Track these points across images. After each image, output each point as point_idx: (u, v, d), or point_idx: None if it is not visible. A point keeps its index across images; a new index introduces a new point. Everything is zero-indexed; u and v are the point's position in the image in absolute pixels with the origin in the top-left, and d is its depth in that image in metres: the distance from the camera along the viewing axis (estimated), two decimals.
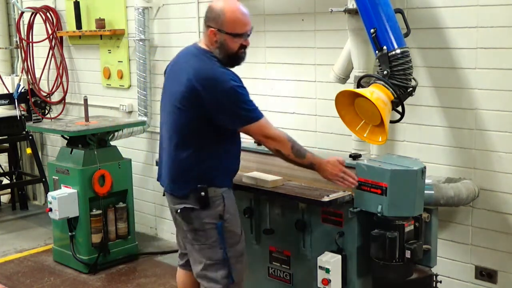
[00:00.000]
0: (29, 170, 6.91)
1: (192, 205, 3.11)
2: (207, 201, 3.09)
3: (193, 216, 3.13)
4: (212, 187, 3.10)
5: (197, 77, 2.99)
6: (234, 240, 3.17)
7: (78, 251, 4.98)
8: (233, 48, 3.06)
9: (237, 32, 3.04)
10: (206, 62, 3.05)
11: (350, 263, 3.22)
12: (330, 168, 3.12)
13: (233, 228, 3.17)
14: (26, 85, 6.46)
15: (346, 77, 3.86)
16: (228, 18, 3.02)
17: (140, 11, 5.27)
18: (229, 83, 2.98)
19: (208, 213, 3.11)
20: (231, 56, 3.09)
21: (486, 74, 3.51)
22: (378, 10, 3.29)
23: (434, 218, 3.33)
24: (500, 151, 3.53)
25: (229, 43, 3.05)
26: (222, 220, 3.12)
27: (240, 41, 3.06)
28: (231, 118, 3.03)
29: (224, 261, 3.14)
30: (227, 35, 3.03)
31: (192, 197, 3.11)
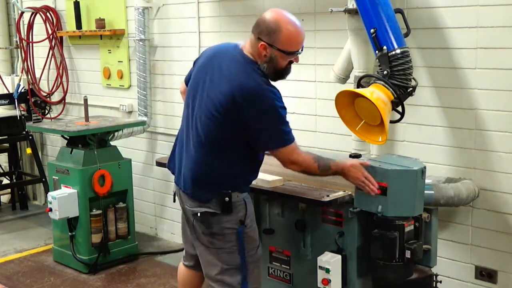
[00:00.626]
0: (29, 170, 6.91)
1: (213, 210, 3.05)
2: (230, 206, 3.04)
3: (213, 221, 3.07)
4: (235, 192, 3.05)
5: (241, 92, 2.87)
6: (252, 246, 3.14)
7: (78, 251, 4.98)
8: (282, 65, 2.95)
9: (290, 50, 2.92)
10: (250, 76, 2.91)
11: (350, 263, 3.21)
12: (353, 172, 3.06)
13: (252, 234, 3.14)
14: (26, 85, 6.46)
15: (346, 77, 3.86)
16: (284, 35, 2.88)
17: (140, 11, 5.27)
18: (272, 102, 2.88)
19: (229, 218, 3.06)
20: (277, 72, 2.98)
21: (486, 74, 3.51)
22: (378, 10, 3.29)
23: (434, 218, 3.33)
24: (500, 151, 3.53)
25: (279, 59, 2.92)
26: (243, 226, 3.08)
27: (291, 58, 2.96)
28: (268, 138, 2.95)
29: (241, 267, 3.10)
30: (279, 52, 2.90)
31: (215, 201, 3.05)
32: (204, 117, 3.00)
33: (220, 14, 4.84)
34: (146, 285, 4.74)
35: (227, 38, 4.80)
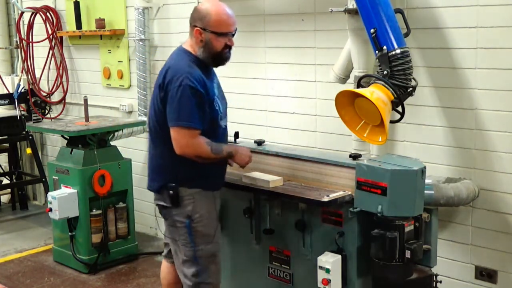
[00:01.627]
0: (29, 170, 6.92)
1: (164, 203, 3.23)
2: (177, 199, 3.19)
3: (166, 213, 3.27)
4: (183, 187, 3.19)
5: (168, 72, 3.12)
6: (203, 240, 3.24)
7: (78, 251, 4.98)
8: (217, 47, 3.16)
9: (221, 31, 3.14)
10: (180, 60, 3.17)
11: (350, 263, 3.21)
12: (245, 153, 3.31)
13: (202, 229, 3.23)
14: (26, 85, 6.46)
15: (346, 77, 3.86)
16: (214, 17, 3.13)
17: (140, 11, 5.27)
18: (184, 80, 3.05)
19: (177, 212, 3.22)
20: (215, 56, 3.19)
21: (486, 74, 3.51)
22: (378, 10, 3.29)
23: (434, 218, 3.33)
24: (500, 151, 3.53)
25: (213, 42, 3.15)
26: (190, 220, 3.20)
27: (224, 40, 3.16)
28: (169, 113, 3.10)
29: (194, 259, 3.23)
30: (212, 34, 3.13)
31: (164, 194, 3.22)
32: (151, 109, 3.27)
33: None
34: (146, 285, 4.74)
35: None
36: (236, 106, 4.81)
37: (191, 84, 3.05)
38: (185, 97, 3.05)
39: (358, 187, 3.12)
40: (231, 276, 3.82)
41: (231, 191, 3.62)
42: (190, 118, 3.06)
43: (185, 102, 3.05)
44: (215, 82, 3.31)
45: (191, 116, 3.06)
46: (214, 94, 3.21)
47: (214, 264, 3.30)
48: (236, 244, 3.76)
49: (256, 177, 3.43)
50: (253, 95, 4.74)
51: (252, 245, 3.64)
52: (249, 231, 3.62)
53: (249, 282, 3.72)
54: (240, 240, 3.72)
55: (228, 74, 4.88)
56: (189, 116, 3.06)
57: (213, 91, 3.21)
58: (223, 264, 3.83)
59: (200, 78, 3.10)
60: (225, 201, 3.73)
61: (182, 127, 3.07)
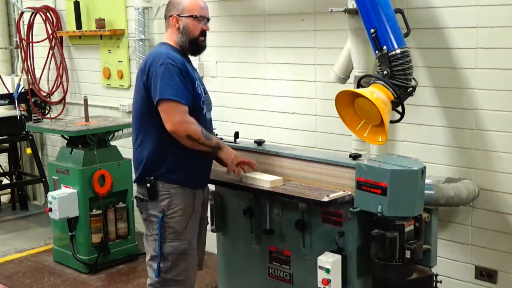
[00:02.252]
0: (29, 170, 6.92)
1: (141, 195, 3.26)
2: (154, 193, 3.20)
3: (142, 206, 3.29)
4: (161, 181, 3.20)
5: (148, 58, 3.18)
6: (173, 237, 3.23)
7: (78, 251, 4.98)
8: (195, 32, 3.24)
9: (197, 14, 3.23)
10: (157, 49, 3.25)
11: (350, 263, 3.21)
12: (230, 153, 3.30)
13: (174, 225, 3.23)
14: (26, 85, 6.46)
15: (346, 77, 3.86)
16: (188, 2, 3.24)
17: (140, 11, 5.28)
18: (165, 59, 3.10)
19: (153, 205, 3.23)
20: (192, 41, 3.25)
21: (486, 74, 3.51)
22: (378, 10, 3.29)
23: (434, 218, 3.33)
24: (500, 151, 3.53)
25: (190, 26, 3.23)
26: (163, 214, 3.21)
27: (200, 25, 3.24)
28: (154, 90, 3.10)
29: (163, 255, 3.24)
30: (188, 18, 3.22)
31: (143, 187, 3.24)
32: (134, 100, 3.31)
33: (220, 14, 4.84)
34: (146, 285, 4.72)
35: (227, 38, 4.81)
36: (236, 106, 4.82)
37: (172, 63, 3.09)
38: (168, 73, 3.07)
39: (358, 187, 3.12)
40: (231, 276, 3.82)
41: (231, 191, 3.62)
42: (175, 92, 3.07)
43: (169, 78, 3.07)
44: (196, 74, 3.31)
45: (177, 91, 3.07)
46: (195, 79, 3.22)
47: (183, 261, 3.27)
48: (236, 244, 3.76)
49: (255, 177, 3.43)
50: (253, 95, 4.74)
51: (252, 245, 3.64)
52: (249, 231, 3.62)
53: (249, 282, 3.72)
54: (240, 240, 3.72)
55: (228, 74, 4.89)
56: (176, 91, 3.07)
57: (194, 76, 3.22)
58: (224, 264, 3.84)
59: (180, 59, 3.15)
60: (225, 201, 3.73)
61: (170, 100, 3.06)
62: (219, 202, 3.76)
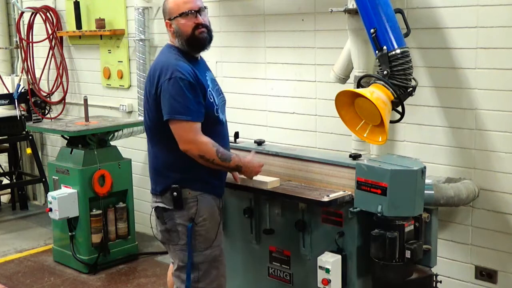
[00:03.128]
0: (29, 170, 6.92)
1: (165, 205, 3.14)
2: (180, 201, 3.10)
3: (166, 216, 3.15)
4: (186, 189, 3.11)
5: (155, 68, 3.09)
6: (204, 245, 3.16)
7: (78, 251, 4.98)
8: (187, 30, 3.10)
9: (182, 11, 3.10)
10: (165, 55, 3.15)
11: (350, 263, 3.21)
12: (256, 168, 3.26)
13: (204, 233, 3.15)
14: (26, 85, 6.46)
15: (346, 77, 3.86)
16: (171, 4, 3.14)
17: (140, 11, 5.28)
18: (174, 73, 2.99)
19: (180, 214, 3.12)
20: (189, 40, 3.12)
21: (486, 74, 3.51)
22: (378, 10, 3.29)
23: (434, 218, 3.33)
24: (500, 151, 3.53)
25: (181, 26, 3.11)
26: (193, 223, 3.12)
27: (191, 21, 3.10)
28: (164, 106, 3.01)
29: (189, 265, 3.14)
30: (176, 19, 3.12)
31: (166, 196, 3.13)
32: (143, 108, 3.23)
33: (220, 14, 4.84)
34: (146, 285, 4.74)
35: (227, 38, 4.81)
36: (236, 106, 4.81)
37: (182, 76, 2.99)
38: (177, 89, 2.97)
39: (358, 187, 3.12)
40: (231, 276, 3.82)
41: (231, 191, 3.62)
42: (185, 110, 2.98)
43: (178, 94, 2.97)
44: (207, 75, 3.22)
45: (185, 108, 2.98)
46: (207, 86, 3.12)
47: (215, 269, 3.21)
48: (236, 244, 3.75)
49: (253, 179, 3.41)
50: (253, 95, 4.74)
51: (252, 245, 3.64)
52: (249, 231, 3.62)
53: (249, 282, 3.72)
54: (240, 240, 3.72)
55: (228, 74, 4.89)
56: (184, 109, 2.97)
57: (206, 83, 3.12)
58: None
59: (190, 70, 3.04)
60: (225, 201, 3.73)
61: (178, 120, 2.98)
62: None
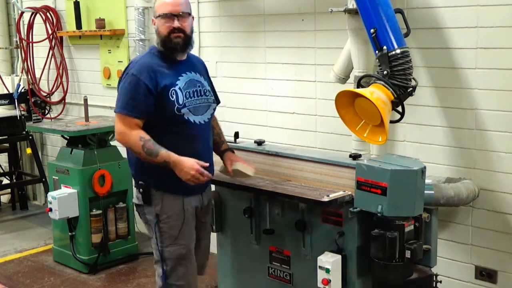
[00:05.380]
0: (29, 170, 6.91)
1: (137, 200, 3.28)
2: (148, 198, 3.21)
3: (139, 211, 3.32)
4: (152, 187, 3.21)
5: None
6: (169, 242, 3.23)
7: (78, 251, 4.98)
8: (163, 31, 3.16)
9: (161, 12, 3.16)
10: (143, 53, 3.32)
11: (350, 263, 3.22)
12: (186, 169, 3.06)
13: (168, 230, 3.22)
14: (26, 85, 6.46)
15: (346, 77, 3.86)
16: (157, 3, 3.21)
17: (140, 11, 5.27)
18: (131, 70, 3.13)
19: (148, 210, 3.25)
20: (164, 41, 3.17)
21: (486, 74, 3.51)
22: (378, 10, 3.28)
23: (434, 218, 3.33)
24: (500, 151, 3.53)
25: (159, 26, 3.18)
26: (157, 219, 3.22)
27: (169, 23, 3.14)
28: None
29: (162, 260, 3.25)
30: (157, 19, 3.19)
31: (138, 191, 3.26)
32: None
33: (220, 14, 4.84)
34: (146, 285, 4.74)
35: (227, 38, 4.81)
36: (236, 106, 4.81)
37: (134, 72, 3.10)
38: (126, 85, 3.13)
39: (358, 187, 3.12)
40: (231, 276, 3.82)
41: (231, 191, 3.62)
42: (124, 105, 3.11)
43: (124, 89, 3.13)
44: (187, 75, 3.21)
45: (125, 103, 3.11)
46: (171, 85, 3.12)
47: (182, 266, 3.27)
48: (236, 244, 3.76)
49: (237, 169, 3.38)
50: (253, 95, 4.74)
51: (252, 245, 3.64)
52: (249, 231, 3.63)
53: (249, 282, 3.72)
54: (240, 240, 3.72)
55: (228, 74, 4.89)
56: (123, 103, 3.11)
57: (170, 81, 3.13)
58: (224, 264, 3.84)
59: (149, 67, 3.11)
60: (225, 201, 3.73)
61: (117, 113, 3.14)
62: (218, 202, 3.76)
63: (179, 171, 3.08)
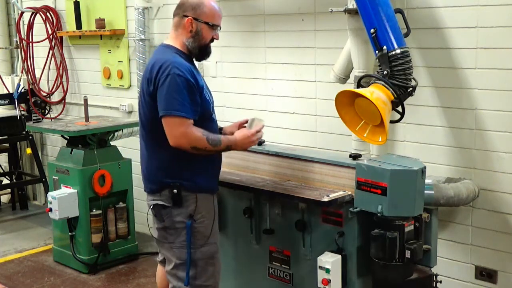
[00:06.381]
0: (29, 170, 6.92)
1: (164, 202, 3.15)
2: (180, 199, 3.12)
3: (164, 214, 3.17)
4: (184, 186, 3.13)
5: (154, 66, 3.07)
6: (202, 242, 3.18)
7: (78, 251, 4.98)
8: (207, 38, 3.17)
9: (214, 22, 3.17)
10: (165, 53, 3.14)
11: (350, 263, 3.22)
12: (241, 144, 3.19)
13: (203, 230, 3.18)
14: (26, 85, 6.46)
15: (346, 77, 3.86)
16: (208, 8, 3.15)
17: (140, 11, 5.27)
18: (172, 69, 3.00)
19: (179, 211, 3.14)
20: (202, 47, 3.18)
21: (486, 74, 3.51)
22: (378, 10, 3.29)
23: (434, 218, 3.33)
24: (500, 151, 3.53)
25: (204, 32, 3.15)
26: (192, 220, 3.14)
27: (213, 33, 3.19)
28: (159, 103, 3.02)
29: (188, 262, 3.16)
30: (204, 24, 3.14)
31: (165, 194, 3.15)
32: (139, 107, 3.22)
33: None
34: (146, 285, 4.74)
35: (227, 38, 4.80)
36: (236, 106, 4.81)
37: (179, 73, 3.00)
38: (173, 85, 2.99)
39: (358, 187, 3.12)
40: (231, 276, 3.82)
41: (231, 191, 3.62)
42: (181, 107, 2.99)
43: (174, 90, 2.99)
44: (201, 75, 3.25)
45: (181, 105, 2.99)
46: (202, 85, 3.15)
47: (212, 265, 3.23)
48: (236, 244, 3.76)
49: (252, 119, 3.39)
50: (253, 95, 4.74)
51: (252, 245, 3.64)
52: (249, 231, 3.62)
53: (249, 282, 3.72)
54: (240, 240, 3.72)
55: (228, 74, 4.89)
56: (180, 105, 2.99)
57: (201, 82, 3.15)
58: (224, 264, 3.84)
59: (188, 68, 3.06)
60: (225, 201, 3.73)
61: (173, 116, 2.99)
62: (218, 202, 3.75)
63: (242, 146, 3.20)
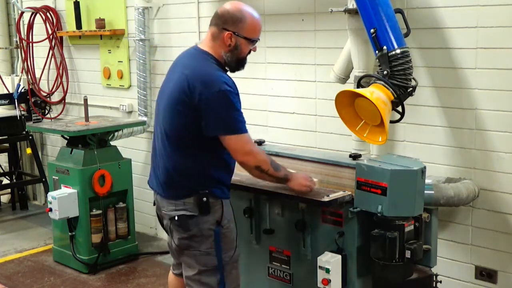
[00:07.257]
0: (29, 170, 6.92)
1: (191, 212, 3.07)
2: (208, 206, 3.06)
3: (191, 223, 3.09)
4: (211, 194, 3.07)
5: (193, 75, 2.96)
6: (229, 247, 3.16)
7: (78, 251, 4.98)
8: (245, 52, 3.10)
9: (254, 37, 3.08)
10: (203, 63, 3.03)
11: (350, 263, 3.22)
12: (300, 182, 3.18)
13: (229, 235, 3.17)
14: (26, 85, 6.46)
15: (346, 77, 3.86)
16: (249, 23, 3.05)
17: (140, 11, 5.28)
18: (223, 86, 2.93)
19: (206, 219, 3.08)
20: (239, 61, 3.12)
21: (486, 74, 3.51)
22: (378, 10, 3.29)
23: (434, 218, 3.33)
24: (500, 151, 3.53)
25: (243, 47, 3.07)
26: (219, 227, 3.10)
27: (251, 47, 3.12)
28: (215, 121, 2.95)
29: (219, 268, 3.12)
30: (244, 39, 3.05)
31: (189, 202, 3.07)
32: (168, 113, 3.07)
33: None
34: (146, 285, 4.74)
35: None
36: None
37: (230, 89, 2.94)
38: (228, 103, 2.94)
39: (358, 187, 3.12)
40: None
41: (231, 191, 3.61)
42: (242, 125, 2.98)
43: (231, 108, 2.95)
44: None
45: (240, 122, 2.98)
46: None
47: (235, 269, 3.23)
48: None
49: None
50: (253, 95, 4.74)
51: (252, 245, 3.64)
52: (249, 231, 3.62)
53: (249, 282, 3.71)
54: (240, 240, 3.71)
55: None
56: (240, 123, 2.97)
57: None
58: None
59: (233, 82, 3.02)
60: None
61: (239, 134, 2.97)
62: None
63: (296, 183, 3.17)
